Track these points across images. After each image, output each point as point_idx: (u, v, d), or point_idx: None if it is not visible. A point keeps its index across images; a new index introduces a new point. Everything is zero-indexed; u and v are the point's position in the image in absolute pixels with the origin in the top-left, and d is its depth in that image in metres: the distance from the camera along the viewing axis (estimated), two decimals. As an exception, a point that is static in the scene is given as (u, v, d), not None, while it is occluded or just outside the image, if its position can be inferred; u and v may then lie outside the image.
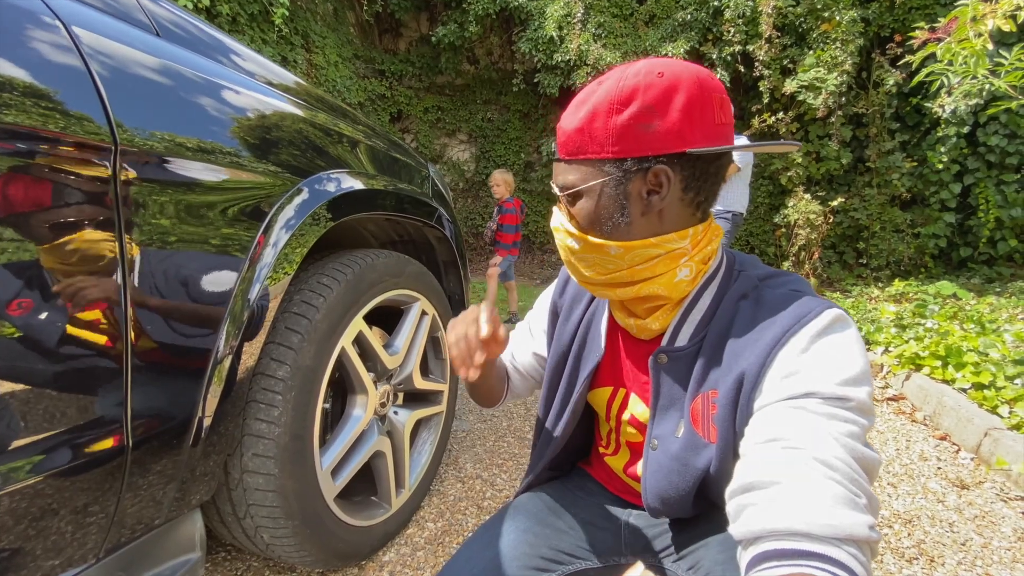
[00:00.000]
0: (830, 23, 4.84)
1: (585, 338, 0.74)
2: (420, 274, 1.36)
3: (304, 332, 0.96)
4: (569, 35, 5.60)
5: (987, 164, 4.86)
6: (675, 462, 0.62)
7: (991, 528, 1.36)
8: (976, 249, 5.09)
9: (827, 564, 0.41)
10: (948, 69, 2.32)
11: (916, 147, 5.19)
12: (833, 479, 0.44)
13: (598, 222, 0.58)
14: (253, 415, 0.90)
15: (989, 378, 2.02)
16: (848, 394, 0.48)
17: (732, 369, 0.56)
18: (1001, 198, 4.81)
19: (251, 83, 0.92)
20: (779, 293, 0.57)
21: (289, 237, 0.91)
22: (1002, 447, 1.64)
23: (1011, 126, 4.65)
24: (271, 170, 0.89)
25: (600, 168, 0.57)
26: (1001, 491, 1.54)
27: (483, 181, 7.34)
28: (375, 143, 1.28)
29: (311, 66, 5.88)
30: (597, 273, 0.62)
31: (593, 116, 0.56)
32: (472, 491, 1.49)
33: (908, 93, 4.99)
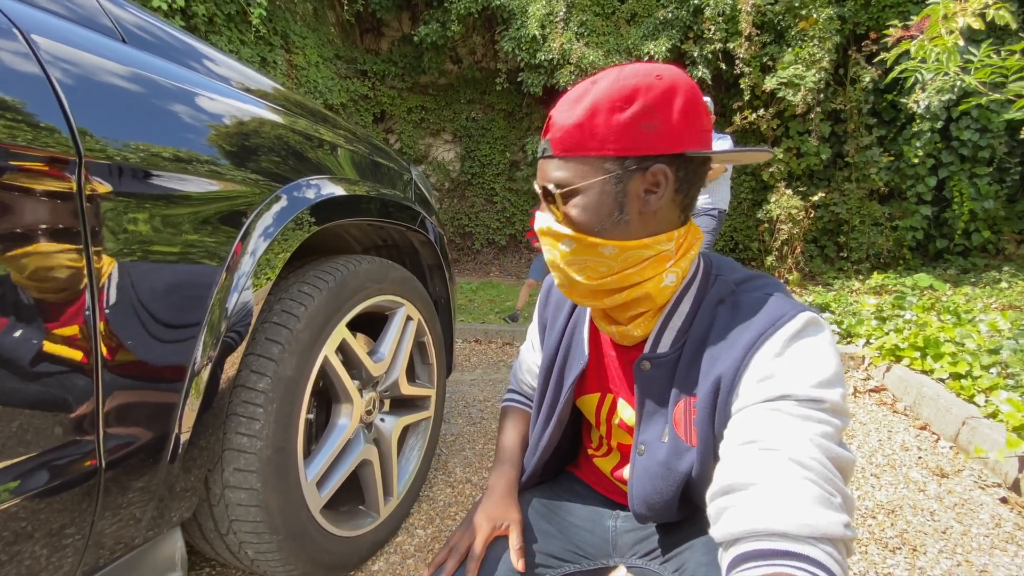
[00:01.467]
0: (807, 21, 4.92)
1: (569, 346, 0.74)
2: (404, 279, 1.34)
3: (285, 343, 0.94)
4: (552, 34, 5.60)
5: (960, 158, 4.98)
6: (661, 467, 0.62)
7: (970, 515, 1.39)
8: (951, 241, 5.21)
9: (804, 563, 0.42)
10: (921, 66, 2.37)
11: (892, 142, 5.30)
12: (809, 479, 0.45)
13: (595, 221, 0.57)
14: (234, 429, 0.88)
15: (966, 368, 2.06)
16: (822, 396, 0.49)
17: (710, 374, 0.57)
18: (974, 191, 4.93)
19: (226, 89, 0.90)
20: (754, 297, 0.58)
21: (268, 245, 0.89)
22: (979, 435, 1.68)
23: (982, 121, 4.76)
24: (248, 178, 0.87)
25: (600, 165, 0.56)
26: (979, 479, 1.58)
27: (469, 181, 7.33)
28: (356, 148, 1.26)
29: (291, 67, 5.80)
30: (588, 278, 0.60)
31: (594, 112, 0.55)
32: (462, 496, 1.49)
33: (884, 89, 5.08)
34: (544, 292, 0.82)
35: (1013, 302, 3.51)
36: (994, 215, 4.98)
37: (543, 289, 0.83)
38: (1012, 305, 3.41)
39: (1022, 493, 1.46)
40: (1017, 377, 1.83)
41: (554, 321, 0.77)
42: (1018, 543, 1.27)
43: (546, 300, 0.81)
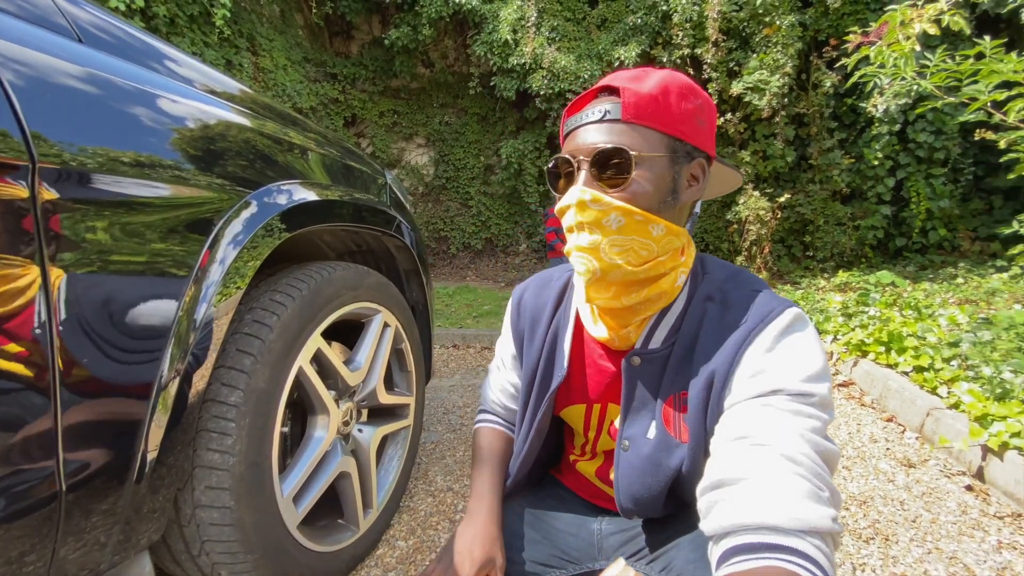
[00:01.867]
0: (771, 28, 5.07)
1: (550, 358, 0.72)
2: (380, 285, 1.32)
3: (257, 354, 0.91)
4: (523, 38, 5.63)
5: (917, 159, 5.20)
6: (647, 463, 0.62)
7: (938, 504, 1.45)
8: (910, 239, 5.43)
9: (793, 556, 0.42)
10: (880, 71, 2.46)
11: (853, 144, 5.50)
12: (798, 474, 0.46)
13: (654, 196, 0.57)
14: (204, 445, 0.84)
15: (928, 361, 2.15)
16: (811, 390, 0.50)
17: (702, 370, 0.58)
18: (930, 191, 5.15)
19: (190, 91, 0.87)
20: (742, 294, 0.59)
21: (238, 253, 0.86)
22: (943, 426, 1.74)
23: (937, 124, 4.99)
24: (215, 183, 0.84)
25: (666, 142, 0.57)
26: (944, 468, 1.64)
27: (443, 185, 7.28)
28: (328, 151, 1.23)
29: (258, 70, 5.67)
30: (629, 262, 0.58)
31: (666, 91, 0.57)
32: (443, 505, 1.46)
33: (844, 94, 5.27)
34: (515, 305, 0.79)
35: (969, 296, 3.67)
36: (949, 214, 5.22)
37: (513, 303, 0.79)
38: (968, 299, 3.57)
39: (986, 481, 1.52)
40: (977, 369, 1.91)
41: (532, 333, 0.75)
42: (984, 529, 1.32)
43: (519, 313, 0.78)
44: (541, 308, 0.74)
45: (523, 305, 0.77)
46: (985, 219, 5.26)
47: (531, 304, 0.76)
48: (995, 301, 3.39)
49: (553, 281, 0.77)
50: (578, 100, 0.61)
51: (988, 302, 3.42)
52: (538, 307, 0.75)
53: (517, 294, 0.79)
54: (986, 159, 5.04)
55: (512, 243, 7.11)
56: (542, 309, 0.74)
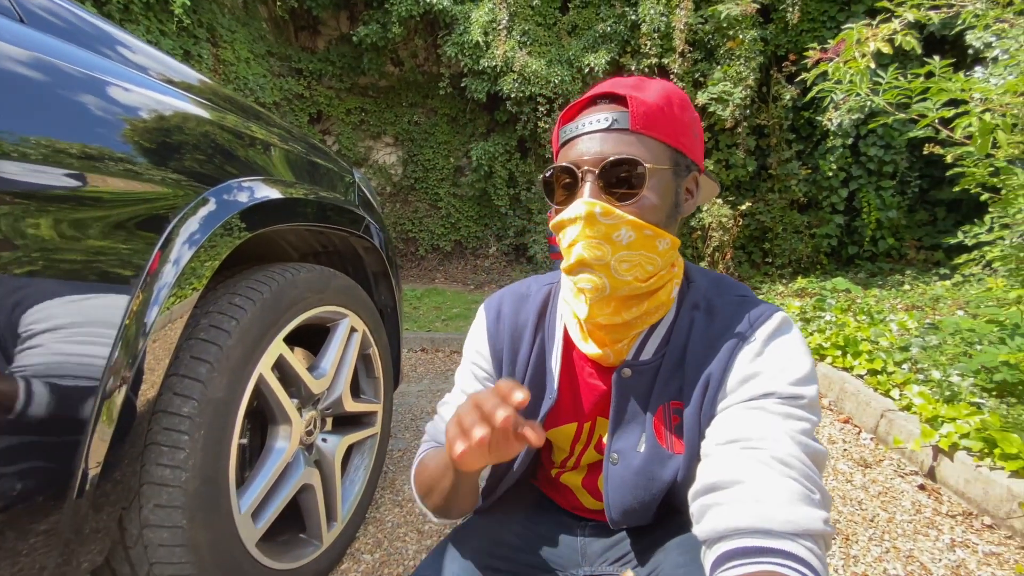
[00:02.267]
0: (734, 41, 5.24)
1: (537, 379, 0.69)
2: (347, 288, 1.27)
3: (214, 361, 0.85)
4: (495, 41, 5.63)
5: (868, 172, 5.47)
6: (639, 476, 0.61)
7: (893, 503, 1.50)
8: (861, 247, 5.71)
9: (787, 560, 0.42)
10: (836, 87, 2.57)
11: (810, 156, 5.74)
12: (790, 476, 0.46)
13: (661, 208, 0.56)
14: (154, 460, 0.78)
15: (881, 364, 2.24)
16: (801, 392, 0.51)
17: (695, 378, 0.57)
18: (880, 202, 5.43)
19: (143, 79, 0.81)
20: (727, 300, 0.60)
21: (193, 253, 0.80)
22: (896, 427, 1.82)
23: (887, 138, 5.27)
24: (170, 179, 0.78)
25: (669, 154, 0.56)
26: (898, 467, 1.71)
27: (411, 186, 7.19)
28: (292, 147, 1.18)
29: (219, 62, 5.46)
30: (636, 277, 0.56)
31: (669, 101, 0.56)
32: (412, 515, 1.42)
33: (802, 107, 5.50)
34: (491, 321, 0.71)
35: (915, 302, 3.87)
36: (897, 224, 5.51)
37: (489, 319, 0.72)
38: (915, 305, 3.77)
39: (937, 480, 1.60)
40: (926, 372, 2.01)
41: (514, 352, 0.69)
42: (938, 528, 1.37)
43: (497, 329, 0.70)
44: (522, 325, 0.69)
45: (502, 322, 0.70)
46: (929, 230, 5.59)
47: (510, 321, 0.70)
48: (939, 307, 3.59)
49: (531, 295, 0.71)
50: (573, 107, 0.59)
51: (933, 308, 3.62)
52: (519, 324, 0.69)
53: (492, 310, 0.71)
54: (931, 173, 5.35)
55: (482, 246, 7.08)
56: (523, 326, 0.69)
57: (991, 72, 2.80)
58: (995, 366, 1.74)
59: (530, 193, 6.54)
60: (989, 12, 2.17)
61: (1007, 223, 2.50)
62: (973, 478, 1.46)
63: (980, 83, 2.19)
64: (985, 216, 2.58)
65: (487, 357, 0.71)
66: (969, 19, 2.24)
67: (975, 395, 1.75)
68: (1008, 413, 1.61)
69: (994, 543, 1.30)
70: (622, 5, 5.69)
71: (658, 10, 5.33)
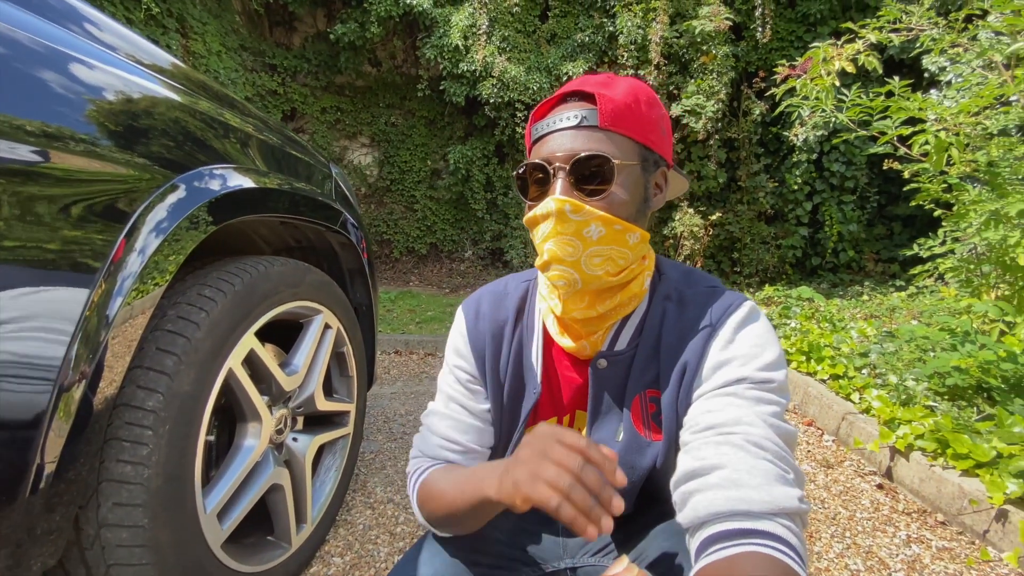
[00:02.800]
0: (707, 56, 5.39)
1: (517, 375, 0.68)
2: (322, 284, 1.24)
3: (181, 353, 0.82)
4: (474, 45, 5.64)
5: (831, 186, 5.71)
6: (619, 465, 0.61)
7: (853, 502, 1.56)
8: (824, 258, 5.94)
9: (767, 539, 0.44)
10: (803, 103, 2.68)
11: (776, 170, 5.95)
12: (765, 459, 0.48)
13: (631, 204, 0.57)
14: (114, 456, 0.75)
15: (843, 369, 2.33)
16: (771, 377, 0.53)
17: (670, 366, 0.59)
18: (841, 215, 5.67)
19: (111, 58, 0.78)
20: (698, 291, 0.62)
21: (161, 242, 0.77)
22: (856, 429, 1.89)
23: (848, 154, 5.51)
24: (137, 163, 0.75)
25: (638, 150, 0.58)
26: (858, 468, 1.77)
27: (387, 187, 7.11)
28: (267, 137, 1.15)
29: (188, 53, 5.30)
30: (608, 272, 0.58)
31: (636, 98, 0.57)
32: (384, 517, 1.39)
33: (770, 122, 5.70)
34: (471, 323, 0.70)
35: (873, 312, 4.04)
36: (857, 237, 5.75)
37: (467, 321, 0.71)
38: (873, 315, 3.93)
39: (894, 480, 1.66)
40: (884, 377, 2.09)
41: (496, 351, 0.69)
42: (895, 525, 1.43)
43: (477, 331, 0.70)
44: (502, 323, 0.69)
45: (481, 321, 0.70)
46: (887, 243, 5.86)
47: (490, 319, 0.70)
48: (896, 316, 3.75)
49: (509, 294, 0.71)
50: (544, 104, 0.60)
51: (889, 317, 3.78)
52: (498, 322, 0.69)
53: (471, 310, 0.71)
54: (888, 189, 5.61)
55: (458, 249, 7.05)
56: (503, 324, 0.69)
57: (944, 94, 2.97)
58: (947, 371, 1.82)
59: (507, 198, 6.56)
60: (945, 37, 2.29)
61: (958, 237, 2.64)
62: (927, 477, 1.53)
63: (936, 103, 2.31)
64: (938, 230, 2.72)
65: (468, 359, 0.70)
66: (927, 43, 2.37)
67: (929, 398, 1.84)
68: (959, 415, 1.69)
69: (946, 539, 1.36)
70: (600, 16, 5.79)
71: (635, 23, 5.45)
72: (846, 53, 2.35)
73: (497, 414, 0.70)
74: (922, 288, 4.21)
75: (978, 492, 1.36)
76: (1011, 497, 1.29)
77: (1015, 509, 1.27)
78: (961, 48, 2.35)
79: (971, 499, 1.36)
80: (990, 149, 2.25)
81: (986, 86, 2.18)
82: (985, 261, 2.35)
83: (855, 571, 1.23)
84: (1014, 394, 1.74)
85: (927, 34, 2.43)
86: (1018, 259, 1.86)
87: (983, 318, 2.22)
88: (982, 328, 2.20)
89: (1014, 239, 1.95)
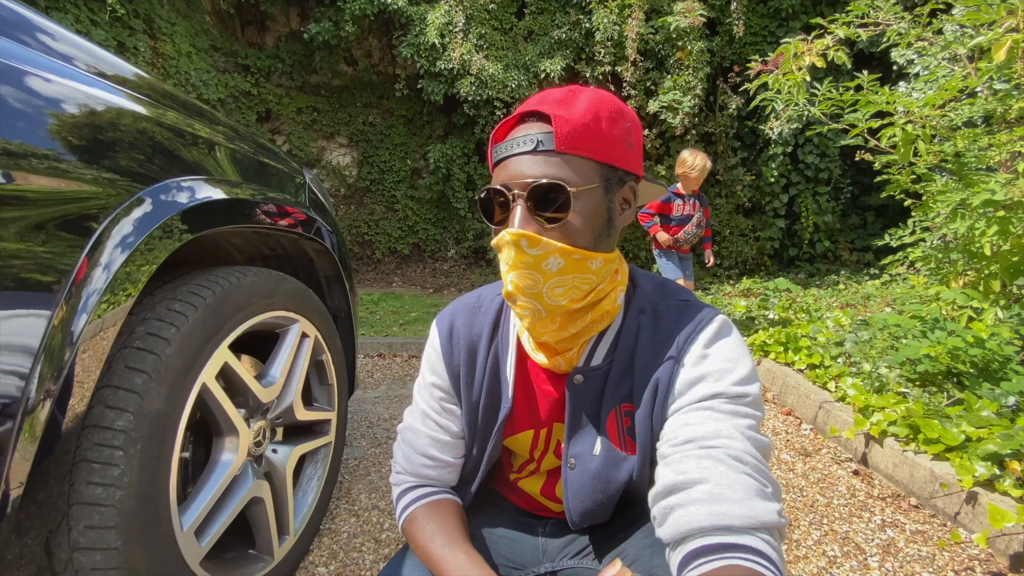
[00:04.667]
0: (683, 52, 5.44)
1: (493, 389, 0.69)
2: (298, 292, 1.23)
3: (151, 371, 0.80)
4: (451, 43, 5.60)
5: (806, 178, 5.81)
6: (596, 480, 0.62)
7: (831, 489, 1.60)
8: (801, 249, 6.05)
9: (748, 554, 0.44)
10: (777, 97, 2.72)
11: (753, 163, 6.03)
12: (745, 472, 0.48)
13: (590, 229, 0.56)
14: (84, 478, 0.73)
15: (819, 359, 2.38)
16: (746, 391, 0.54)
17: (644, 381, 0.59)
18: (817, 207, 5.78)
19: (69, 70, 0.76)
20: (671, 305, 0.61)
21: (127, 257, 0.76)
22: (832, 417, 1.94)
23: (822, 147, 5.61)
24: (101, 177, 0.73)
25: (599, 170, 0.56)
26: (835, 455, 1.81)
27: (367, 187, 7.04)
28: (238, 146, 1.13)
29: (157, 55, 5.17)
30: (572, 299, 0.57)
31: (597, 116, 0.55)
32: (368, 524, 1.39)
33: (746, 116, 5.78)
34: (445, 339, 0.70)
35: (849, 300, 4.14)
36: (832, 227, 5.87)
37: (442, 336, 0.71)
38: (848, 303, 4.02)
39: (869, 465, 1.71)
40: (859, 365, 2.15)
41: (471, 365, 0.69)
42: (870, 510, 1.47)
43: (451, 346, 0.70)
44: (477, 338, 0.69)
45: (455, 337, 0.70)
46: (861, 233, 5.99)
47: (465, 334, 0.69)
48: (870, 304, 3.85)
49: (483, 306, 0.71)
50: (503, 125, 0.58)
51: (864, 305, 3.88)
52: (473, 337, 0.69)
53: (445, 326, 0.71)
54: (861, 180, 5.73)
55: (440, 249, 7.01)
56: (478, 339, 0.69)
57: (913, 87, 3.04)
58: (918, 358, 1.88)
59: (488, 196, 6.54)
60: (911, 31, 2.35)
61: (927, 226, 2.71)
62: (900, 462, 1.57)
63: (903, 96, 2.37)
64: (908, 220, 2.79)
65: (443, 376, 0.71)
66: (894, 37, 2.42)
67: (901, 385, 1.89)
68: (930, 401, 1.75)
69: (919, 522, 1.40)
70: (577, 13, 5.80)
71: (611, 19, 5.46)
72: (816, 48, 2.39)
73: (472, 427, 0.70)
74: (894, 276, 4.32)
75: (948, 476, 1.40)
76: (980, 480, 1.33)
77: (984, 491, 1.32)
78: (927, 42, 2.41)
79: (942, 483, 1.41)
80: (956, 140, 2.31)
81: (951, 79, 2.24)
82: (953, 249, 2.42)
83: (832, 557, 1.27)
84: (982, 379, 1.80)
85: (894, 28, 2.48)
86: (984, 248, 1.92)
87: (951, 305, 2.29)
88: (951, 314, 2.27)
89: (979, 229, 2.01)
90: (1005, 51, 1.67)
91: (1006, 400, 1.57)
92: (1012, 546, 1.21)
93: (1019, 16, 1.69)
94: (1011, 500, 1.26)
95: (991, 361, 1.83)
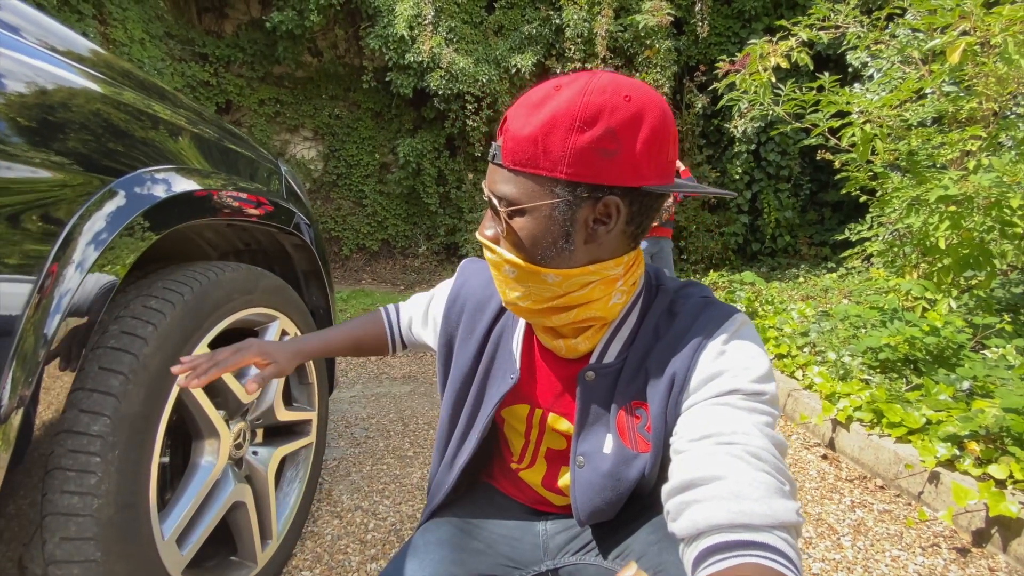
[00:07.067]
0: (651, 50, 5.54)
1: (493, 358, 0.69)
2: (277, 288, 1.19)
3: (128, 372, 0.76)
4: (420, 36, 5.52)
5: (768, 176, 6.02)
6: (607, 479, 0.62)
7: (802, 473, 1.66)
8: (763, 244, 6.27)
9: (768, 552, 0.44)
10: (743, 96, 2.81)
11: (719, 160, 6.21)
12: (764, 470, 0.47)
13: (538, 247, 0.54)
14: (59, 487, 0.68)
15: (786, 349, 2.47)
16: (763, 389, 0.53)
17: (659, 378, 0.58)
18: (778, 203, 6.00)
19: (16, 43, 0.69)
20: (690, 304, 0.61)
21: (99, 254, 0.71)
22: (801, 404, 2.02)
23: (783, 145, 5.82)
24: (68, 168, 0.68)
25: (550, 188, 0.51)
26: (804, 441, 1.89)
27: (334, 182, 6.87)
28: (204, 131, 1.07)
29: (108, 41, 4.89)
30: (534, 302, 0.58)
31: (551, 127, 0.50)
32: (352, 525, 1.36)
33: (711, 115, 5.93)
34: (451, 298, 0.74)
35: (809, 293, 4.31)
36: (792, 223, 6.11)
37: (450, 295, 0.74)
38: (808, 295, 4.19)
39: (837, 450, 1.79)
40: (824, 354, 2.24)
41: (469, 330, 0.71)
42: (840, 492, 1.54)
43: (453, 306, 0.73)
44: (485, 302, 0.72)
45: (461, 298, 0.74)
46: (819, 228, 6.25)
47: (474, 296, 0.73)
48: (829, 296, 4.02)
49: None
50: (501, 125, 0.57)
51: (823, 297, 4.05)
52: (481, 300, 0.72)
53: (463, 276, 0.76)
54: (819, 177, 5.98)
55: (411, 244, 6.92)
56: (486, 303, 0.72)
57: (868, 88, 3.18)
58: (879, 347, 1.98)
59: (460, 191, 6.49)
60: (868, 34, 2.46)
61: (883, 221, 2.86)
62: (866, 445, 1.65)
63: (861, 97, 2.48)
64: (866, 216, 2.93)
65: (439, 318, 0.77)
66: (852, 40, 2.53)
67: (864, 372, 1.99)
68: (891, 387, 1.84)
69: (886, 501, 1.47)
70: (547, 8, 5.81)
71: (581, 16, 5.50)
72: (781, 50, 2.47)
73: (462, 394, 0.71)
74: (851, 269, 4.53)
75: (912, 457, 1.48)
76: (941, 460, 1.41)
77: (945, 471, 1.40)
78: (884, 45, 2.53)
79: (906, 463, 1.49)
80: (910, 139, 2.44)
81: (906, 81, 2.36)
82: (908, 243, 2.55)
83: (808, 538, 1.32)
84: (937, 365, 1.91)
85: (852, 32, 2.59)
86: (939, 242, 2.03)
87: (907, 296, 2.42)
88: (907, 305, 2.39)
89: (933, 224, 2.13)
90: (959, 53, 1.76)
91: (961, 384, 1.67)
92: (974, 522, 1.29)
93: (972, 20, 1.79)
94: (971, 479, 1.35)
95: (945, 348, 1.95)
